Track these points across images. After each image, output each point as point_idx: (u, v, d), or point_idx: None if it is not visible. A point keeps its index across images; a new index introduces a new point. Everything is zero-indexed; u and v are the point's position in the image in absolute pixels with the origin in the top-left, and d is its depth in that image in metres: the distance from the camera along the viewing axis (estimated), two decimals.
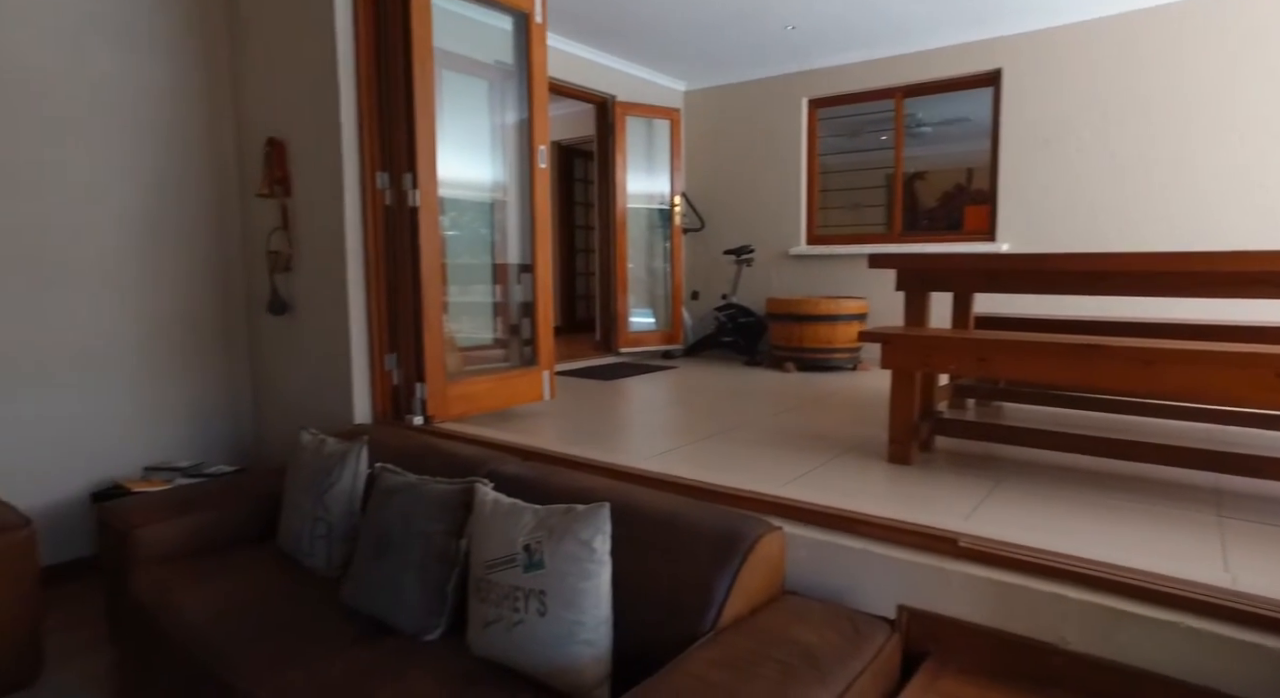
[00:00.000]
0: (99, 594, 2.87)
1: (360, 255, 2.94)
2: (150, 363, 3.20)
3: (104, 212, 3.04)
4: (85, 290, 2.99)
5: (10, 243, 2.80)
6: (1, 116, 2.76)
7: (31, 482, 2.87)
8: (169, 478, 2.96)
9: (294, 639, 1.81)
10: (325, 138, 2.92)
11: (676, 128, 5.77)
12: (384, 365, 2.98)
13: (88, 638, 2.54)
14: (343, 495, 2.20)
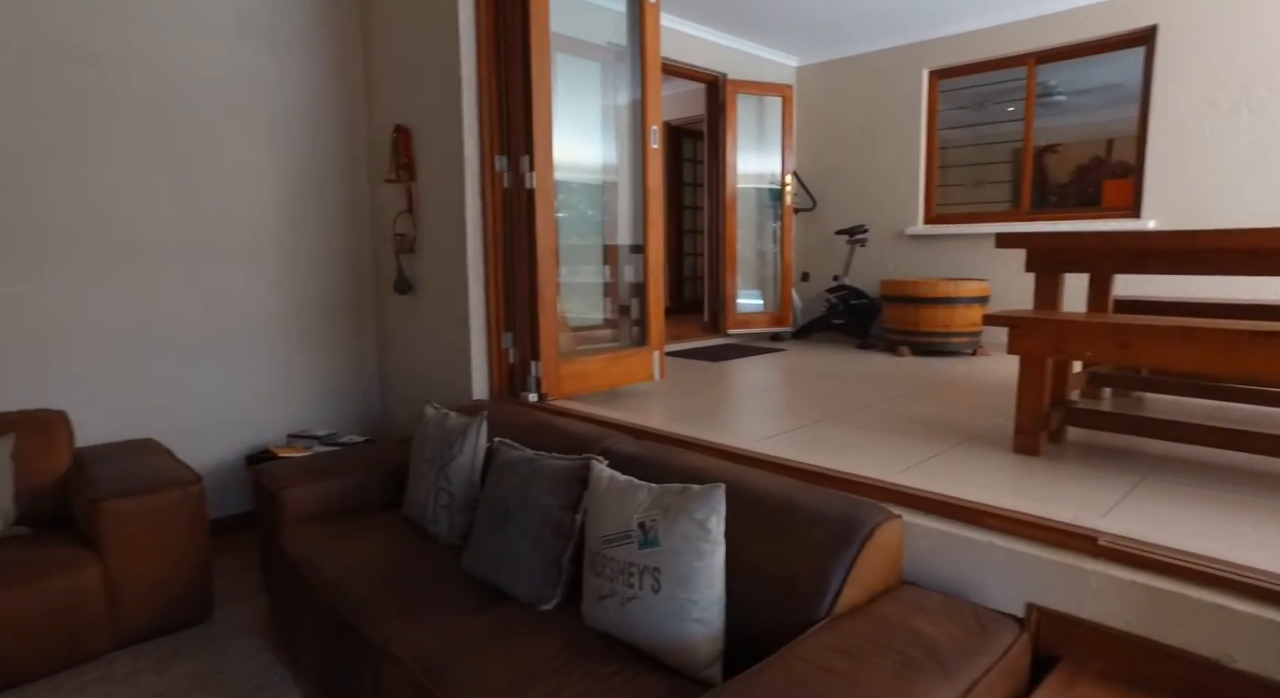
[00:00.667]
0: (254, 547, 3.17)
1: (479, 237, 3.05)
2: (291, 338, 3.46)
3: (255, 198, 3.30)
4: (238, 270, 3.27)
5: (180, 228, 3.10)
6: (174, 116, 3.05)
7: (196, 443, 3.20)
8: (308, 445, 3.21)
9: (420, 599, 1.93)
10: (448, 124, 3.04)
11: (788, 105, 5.62)
12: (501, 344, 3.09)
13: (246, 584, 2.81)
14: (463, 468, 2.31)
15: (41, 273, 2.80)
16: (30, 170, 2.75)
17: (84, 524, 2.38)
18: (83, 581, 2.22)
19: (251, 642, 2.38)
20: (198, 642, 2.38)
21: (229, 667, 2.24)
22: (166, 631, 2.42)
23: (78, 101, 2.83)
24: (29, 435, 2.58)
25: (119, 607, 2.30)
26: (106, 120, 2.90)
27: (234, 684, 2.15)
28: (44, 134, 2.77)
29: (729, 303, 5.56)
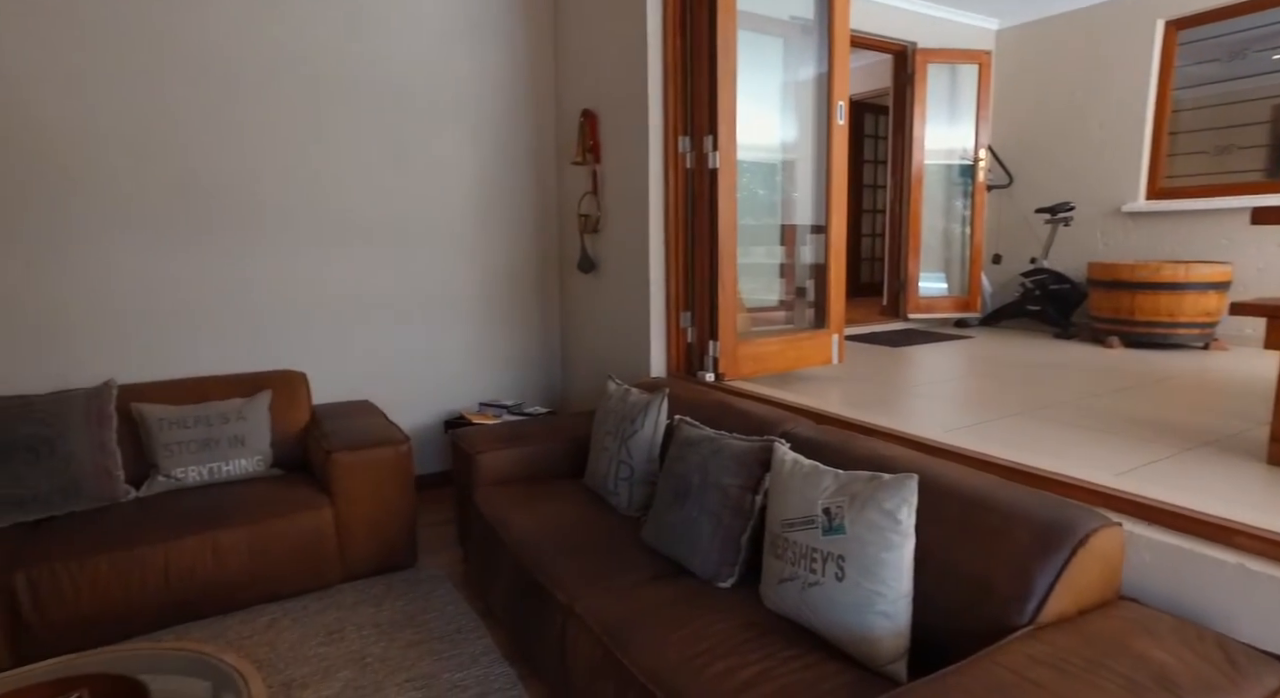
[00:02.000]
0: (450, 504, 3.48)
1: (661, 217, 3.11)
2: (484, 313, 3.73)
3: (456, 182, 3.58)
4: (439, 247, 3.57)
5: (394, 211, 3.43)
6: (396, 108, 3.37)
7: (402, 407, 3.56)
8: (498, 414, 3.46)
9: (602, 566, 2.02)
10: (633, 106, 3.11)
11: (985, 72, 5.17)
12: (679, 323, 3.14)
13: (443, 537, 3.10)
14: (644, 443, 2.38)
15: (284, 251, 3.22)
16: (277, 162, 3.16)
17: (320, 472, 2.73)
18: (321, 520, 2.56)
19: (449, 589, 2.63)
20: (406, 584, 2.67)
21: (432, 608, 2.49)
22: (380, 571, 2.74)
23: (315, 103, 3.21)
24: (280, 392, 3.00)
25: (346, 545, 2.63)
26: (339, 117, 3.26)
27: (437, 625, 2.38)
28: (287, 129, 3.17)
29: (910, 286, 5.27)
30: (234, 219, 3.11)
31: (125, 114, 2.86)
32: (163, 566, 2.31)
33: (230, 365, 3.16)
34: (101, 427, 2.60)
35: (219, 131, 3.03)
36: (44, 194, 2.76)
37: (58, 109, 2.75)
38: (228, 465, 2.77)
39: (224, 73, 3.02)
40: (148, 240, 2.95)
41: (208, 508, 2.50)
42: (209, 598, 2.39)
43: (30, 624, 2.14)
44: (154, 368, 3.01)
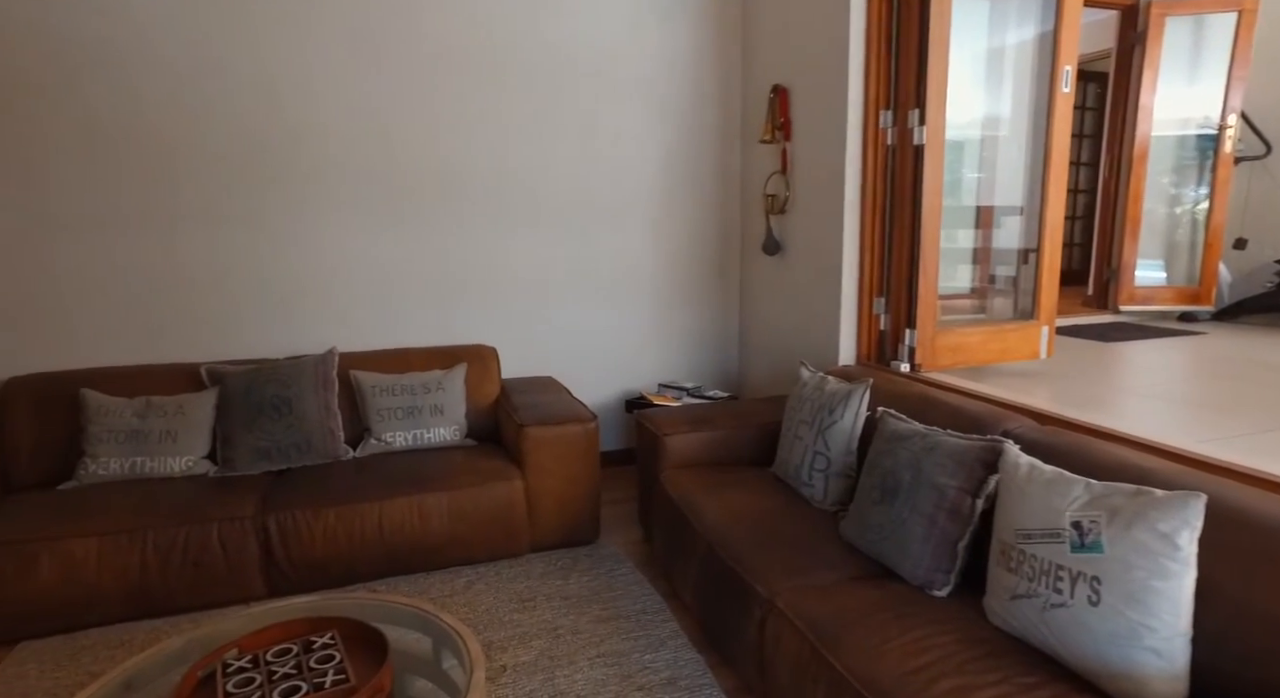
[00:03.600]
0: (630, 482, 3.54)
1: (856, 197, 2.93)
2: (664, 293, 3.73)
3: (641, 161, 3.58)
4: (623, 226, 3.60)
5: (579, 190, 3.50)
6: (584, 88, 3.42)
7: (583, 384, 3.64)
8: (677, 396, 3.45)
9: (801, 560, 1.94)
10: (830, 80, 2.94)
11: (1247, 22, 4.42)
12: (871, 309, 2.96)
13: (623, 516, 3.15)
14: (843, 434, 2.26)
15: (479, 231, 3.37)
16: (475, 147, 3.30)
17: (511, 444, 2.85)
18: (513, 490, 2.67)
19: (631, 569, 2.65)
20: (590, 560, 2.73)
21: (617, 586, 2.52)
22: (565, 545, 2.82)
23: (507, 87, 3.31)
24: (474, 365, 3.16)
25: (535, 516, 2.73)
26: (530, 99, 3.36)
27: (621, 604, 2.41)
28: (483, 114, 3.30)
29: (1124, 274, 4.68)
30: (436, 201, 3.29)
31: (343, 107, 3.10)
32: (377, 521, 2.50)
33: (429, 338, 3.37)
34: (326, 390, 2.85)
35: (421, 119, 3.21)
36: (286, 184, 3.06)
37: (296, 106, 3.03)
38: (429, 433, 2.95)
39: (426, 64, 3.18)
40: (363, 222, 3.20)
41: (413, 471, 2.68)
42: (415, 555, 2.57)
43: (278, 561, 2.40)
44: (367, 338, 3.27)
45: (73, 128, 2.78)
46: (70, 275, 2.86)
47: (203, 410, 2.73)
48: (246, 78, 2.95)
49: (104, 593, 2.25)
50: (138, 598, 2.29)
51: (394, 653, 1.55)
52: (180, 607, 2.35)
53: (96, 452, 2.59)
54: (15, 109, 2.72)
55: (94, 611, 2.26)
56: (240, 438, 2.70)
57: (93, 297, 2.90)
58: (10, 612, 2.18)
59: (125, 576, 2.26)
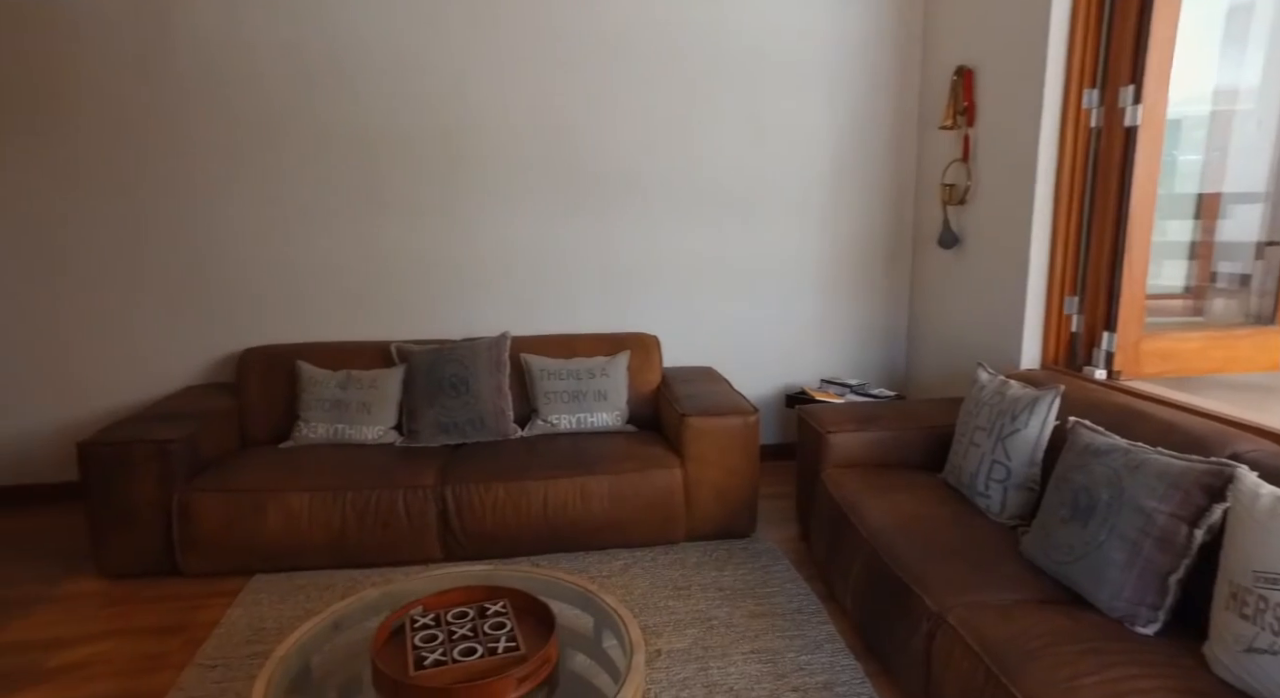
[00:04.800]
0: (788, 477, 3.48)
1: (1050, 186, 2.68)
2: (828, 285, 3.61)
3: (810, 149, 3.48)
4: (790, 216, 3.52)
5: (748, 179, 3.46)
6: (755, 76, 3.37)
7: (742, 375, 3.62)
8: (840, 392, 3.34)
9: (976, 575, 1.81)
10: (1025, 58, 2.70)
11: None
12: (1062, 309, 2.70)
13: (778, 511, 3.11)
14: (1026, 443, 2.09)
15: (646, 221, 3.43)
16: (645, 137, 3.35)
17: (672, 433, 2.89)
18: (672, 478, 2.71)
19: (787, 566, 2.61)
20: (745, 553, 2.72)
21: (772, 582, 2.49)
22: (721, 536, 2.82)
23: (679, 77, 3.33)
24: (636, 353, 3.24)
25: (692, 506, 2.75)
26: (701, 89, 3.35)
27: (777, 601, 2.38)
28: (655, 103, 3.34)
29: None
30: (606, 191, 3.38)
31: (525, 102, 3.25)
32: (543, 499, 2.63)
33: (596, 325, 3.49)
34: (499, 372, 3.03)
35: (597, 112, 3.31)
36: (471, 175, 3.27)
37: (482, 101, 3.22)
38: (592, 417, 3.06)
39: (603, 57, 3.26)
40: (538, 212, 3.35)
41: (577, 454, 2.79)
42: (575, 534, 2.68)
43: (453, 529, 2.60)
44: (537, 323, 3.44)
45: (304, 129, 3.14)
46: (294, 259, 3.24)
47: (392, 385, 3.00)
48: (441, 77, 3.18)
49: (313, 542, 2.54)
50: (338, 550, 2.57)
51: (559, 628, 1.63)
52: (370, 562, 2.61)
53: (308, 417, 2.92)
54: (263, 116, 3.10)
55: (306, 556, 2.56)
56: (423, 412, 2.94)
57: (308, 278, 3.27)
58: (248, 549, 2.53)
59: (329, 529, 2.54)
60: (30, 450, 3.25)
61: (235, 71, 3.06)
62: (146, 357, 3.24)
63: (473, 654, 1.54)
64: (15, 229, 3.07)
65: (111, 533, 2.52)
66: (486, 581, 1.89)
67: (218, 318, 3.25)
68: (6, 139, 3.00)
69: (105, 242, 3.13)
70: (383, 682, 1.46)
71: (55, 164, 3.05)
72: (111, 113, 3.04)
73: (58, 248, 3.11)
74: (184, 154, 3.10)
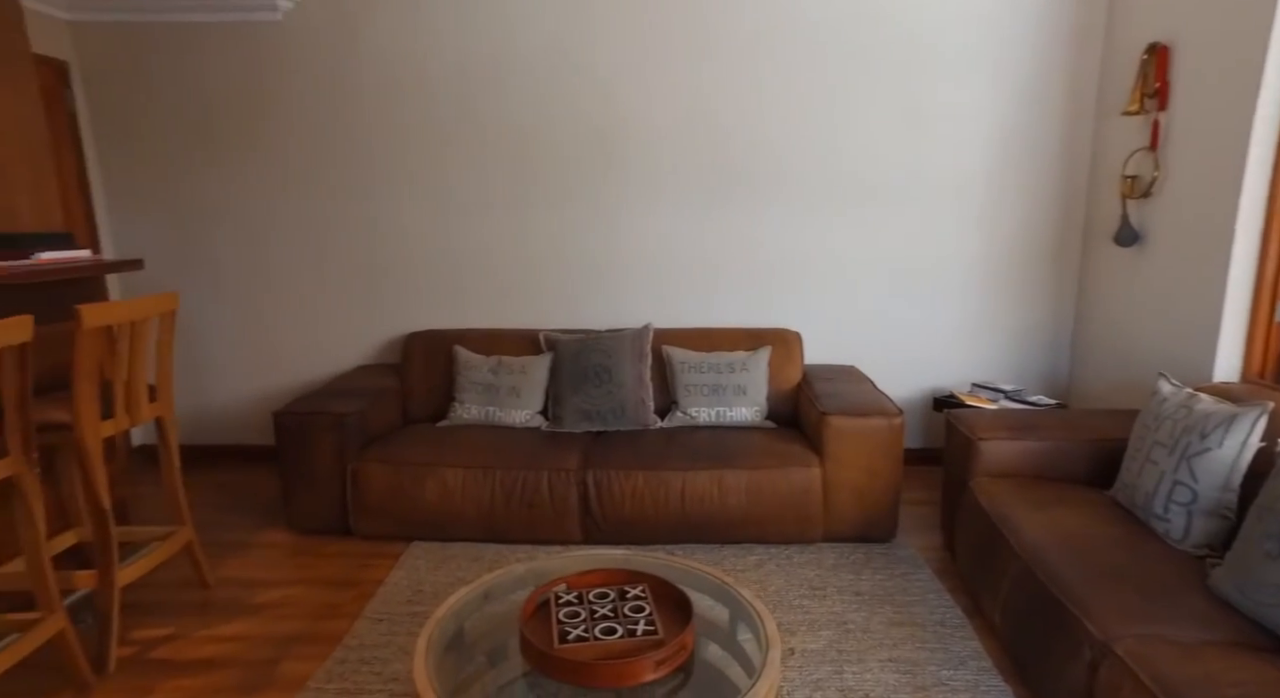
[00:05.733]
0: (931, 483, 3.34)
1: (1264, 177, 2.37)
2: (983, 283, 3.40)
3: (968, 137, 3.28)
4: (943, 208, 3.34)
5: (899, 170, 3.32)
6: (909, 61, 3.22)
7: (885, 375, 3.49)
8: (994, 398, 3.14)
9: (1151, 606, 1.66)
10: (1241, 31, 2.40)
11: None
12: (1272, 316, 2.39)
13: (921, 518, 2.98)
14: (1220, 465, 1.87)
15: (788, 214, 3.38)
16: (790, 128, 3.30)
17: (811, 431, 2.85)
18: (810, 477, 2.67)
19: (929, 576, 2.50)
20: (884, 558, 2.63)
21: (912, 591, 2.40)
22: (859, 539, 2.75)
23: (828, 64, 3.24)
24: (777, 349, 3.21)
25: (830, 506, 2.70)
26: (852, 77, 3.25)
27: (917, 610, 2.29)
28: (802, 94, 3.27)
29: None
30: (751, 184, 3.36)
31: (670, 96, 3.29)
32: (680, 490, 2.68)
33: (736, 319, 3.49)
34: (641, 362, 3.10)
35: (741, 105, 3.29)
36: (617, 170, 3.37)
37: (629, 96, 3.30)
38: (731, 411, 3.07)
39: (748, 50, 3.24)
40: (682, 205, 3.39)
41: (715, 447, 2.81)
42: (711, 526, 2.70)
43: (593, 512, 2.71)
44: (679, 315, 3.49)
45: (465, 130, 3.36)
46: (455, 251, 3.48)
47: (540, 372, 3.15)
48: (591, 76, 3.29)
49: (465, 515, 2.73)
50: (486, 524, 2.75)
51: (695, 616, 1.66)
52: (515, 538, 2.77)
53: (463, 398, 3.14)
54: (430, 117, 3.35)
55: (458, 528, 2.76)
56: (568, 399, 3.07)
57: (467, 269, 3.50)
58: (409, 517, 2.77)
59: (479, 504, 2.72)
60: (238, 416, 3.71)
61: (408, 80, 3.32)
62: (327, 338, 3.60)
63: (613, 634, 1.60)
64: (236, 229, 3.51)
65: (298, 493, 2.84)
66: (625, 565, 1.96)
67: (386, 304, 3.55)
68: (231, 154, 3.43)
69: (298, 237, 3.50)
70: (529, 651, 1.56)
71: (265, 172, 3.44)
72: (306, 125, 3.39)
73: (264, 244, 3.52)
74: (361, 157, 3.41)
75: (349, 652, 2.12)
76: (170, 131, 3.43)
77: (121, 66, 3.38)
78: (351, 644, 2.16)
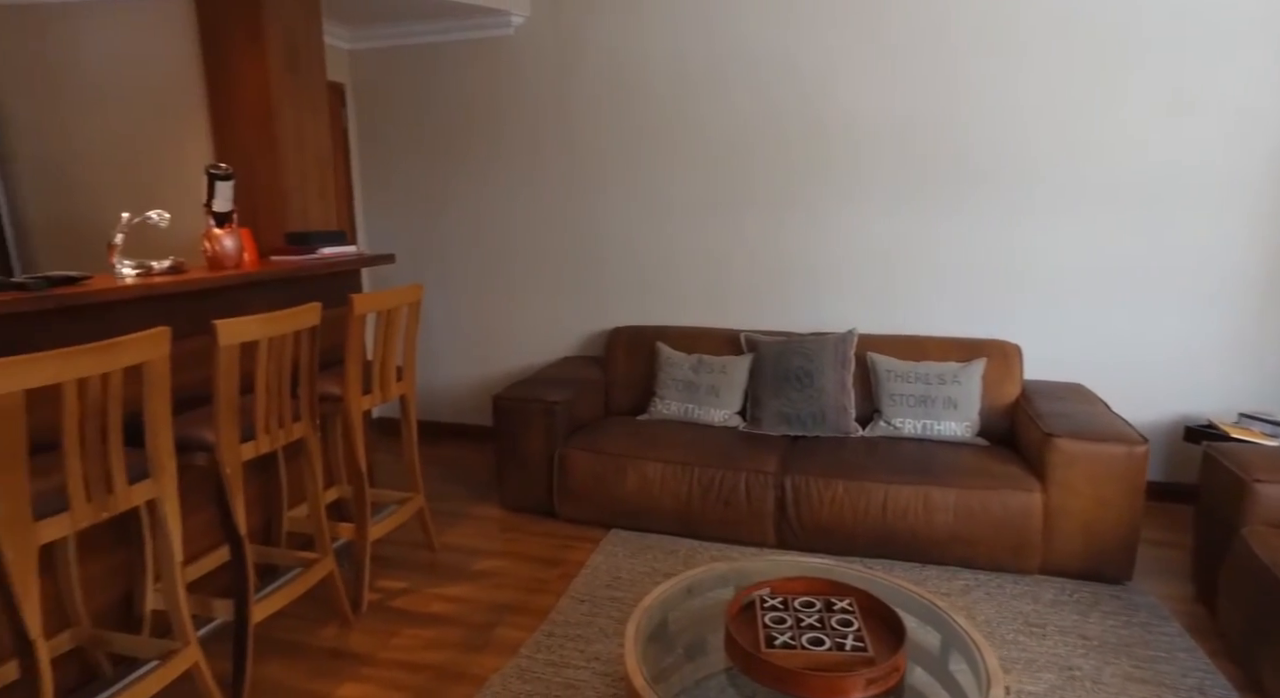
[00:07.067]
0: (1179, 522, 2.93)
1: None
2: (1259, 295, 2.91)
3: (1249, 122, 2.82)
4: (1208, 208, 2.90)
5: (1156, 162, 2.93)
6: (1171, 40, 2.83)
7: (1122, 397, 3.11)
8: (1272, 432, 2.69)
9: None
10: None
11: None
12: None
13: (1166, 561, 2.63)
14: None
15: (1006, 217, 3.10)
16: (1012, 124, 3.02)
17: (1032, 453, 2.61)
18: (1029, 502, 2.45)
19: (1179, 631, 2.19)
20: (1117, 602, 2.35)
21: (1155, 645, 2.12)
22: (1086, 577, 2.48)
23: (1069, 51, 2.92)
24: (994, 362, 2.97)
25: (1051, 536, 2.46)
26: (1095, 64, 2.91)
27: (1163, 669, 2.02)
28: (1031, 86, 2.98)
29: None
30: (968, 185, 3.13)
31: (892, 93, 3.14)
32: (882, 502, 2.57)
33: (947, 328, 3.27)
34: (844, 368, 3.02)
35: (962, 99, 3.06)
36: (828, 171, 3.29)
37: (848, 95, 3.20)
38: (939, 425, 2.89)
39: (973, 41, 3.00)
40: (892, 206, 3.24)
41: (921, 461, 2.66)
42: (913, 543, 2.57)
43: (789, 517, 2.68)
44: (885, 321, 3.34)
45: (677, 130, 3.45)
46: (660, 249, 3.59)
47: (740, 372, 3.16)
48: (807, 77, 3.23)
49: (663, 508, 2.82)
50: (682, 519, 2.81)
51: None
52: (709, 535, 2.81)
53: (663, 394, 3.23)
54: (642, 120, 3.49)
55: (655, 520, 2.85)
56: (767, 401, 3.05)
57: (670, 266, 3.59)
58: (608, 505, 2.91)
59: (676, 499, 2.79)
60: (455, 396, 4.11)
61: (623, 85, 3.47)
62: (537, 328, 3.87)
63: (820, 645, 1.58)
64: (461, 227, 3.88)
65: (510, 472, 3.08)
66: (829, 575, 1.92)
67: (592, 299, 3.74)
68: (461, 158, 3.80)
69: (516, 234, 3.79)
70: (735, 650, 1.57)
71: (488, 173, 3.77)
72: (528, 128, 3.65)
73: (485, 241, 3.85)
74: (577, 158, 3.62)
75: (555, 627, 2.27)
76: (414, 139, 3.85)
77: (381, 85, 3.85)
78: (557, 620, 2.31)
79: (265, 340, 1.93)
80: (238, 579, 1.96)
